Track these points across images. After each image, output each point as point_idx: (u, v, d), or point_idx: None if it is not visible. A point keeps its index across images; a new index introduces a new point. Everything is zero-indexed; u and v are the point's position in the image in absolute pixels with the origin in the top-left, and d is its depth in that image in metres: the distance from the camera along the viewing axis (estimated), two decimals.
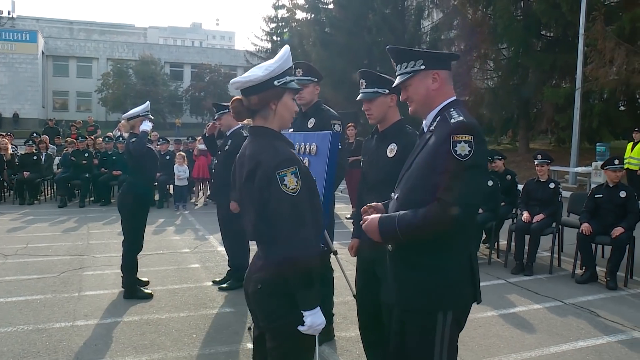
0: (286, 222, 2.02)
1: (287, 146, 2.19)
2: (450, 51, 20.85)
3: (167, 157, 11.30)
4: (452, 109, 2.16)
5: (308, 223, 2.05)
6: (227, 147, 5.25)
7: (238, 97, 2.27)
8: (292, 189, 2.03)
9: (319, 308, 2.07)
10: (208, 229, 8.79)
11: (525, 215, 6.51)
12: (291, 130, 3.82)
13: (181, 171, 10.80)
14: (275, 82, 2.17)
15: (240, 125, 5.27)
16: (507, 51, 19.55)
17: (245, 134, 5.08)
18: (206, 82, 43.11)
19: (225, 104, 5.15)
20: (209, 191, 11.98)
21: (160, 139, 11.93)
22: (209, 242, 7.85)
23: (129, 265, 5.28)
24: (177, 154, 11.21)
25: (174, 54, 49.21)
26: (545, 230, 6.42)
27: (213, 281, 5.76)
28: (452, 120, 2.09)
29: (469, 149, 2.00)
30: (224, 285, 5.56)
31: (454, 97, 2.25)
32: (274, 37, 39.56)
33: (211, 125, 5.86)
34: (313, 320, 2.04)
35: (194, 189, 11.81)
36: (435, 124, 2.19)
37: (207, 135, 5.94)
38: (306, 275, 2.03)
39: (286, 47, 2.26)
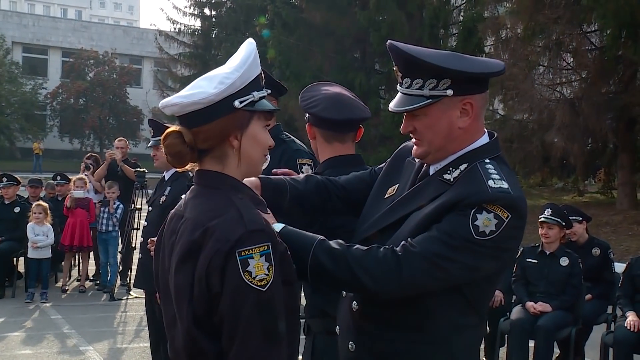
0: (246, 335, 1.40)
1: (257, 207, 1.56)
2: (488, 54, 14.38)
3: (16, 210, 8.14)
4: (488, 161, 1.64)
5: (282, 338, 1.43)
6: (162, 200, 4.18)
7: (175, 128, 1.54)
8: (259, 280, 1.41)
9: None
10: (86, 335, 6.10)
11: (632, 318, 4.68)
12: None
13: (40, 233, 7.73)
14: (237, 103, 1.50)
15: None
16: (599, 36, 12.78)
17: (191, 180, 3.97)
18: (89, 81, 31.66)
19: (167, 124, 3.81)
20: (89, 267, 8.74)
21: (4, 178, 8.42)
22: None
23: None
24: (34, 204, 8.03)
25: (31, 30, 33.76)
26: None
27: None
28: (492, 184, 1.58)
29: (495, 228, 1.51)
30: None
31: (487, 138, 1.68)
32: (206, 10, 25.50)
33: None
34: None
35: (63, 264, 8.63)
36: (457, 172, 1.64)
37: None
38: None
39: (250, 43, 1.57)
